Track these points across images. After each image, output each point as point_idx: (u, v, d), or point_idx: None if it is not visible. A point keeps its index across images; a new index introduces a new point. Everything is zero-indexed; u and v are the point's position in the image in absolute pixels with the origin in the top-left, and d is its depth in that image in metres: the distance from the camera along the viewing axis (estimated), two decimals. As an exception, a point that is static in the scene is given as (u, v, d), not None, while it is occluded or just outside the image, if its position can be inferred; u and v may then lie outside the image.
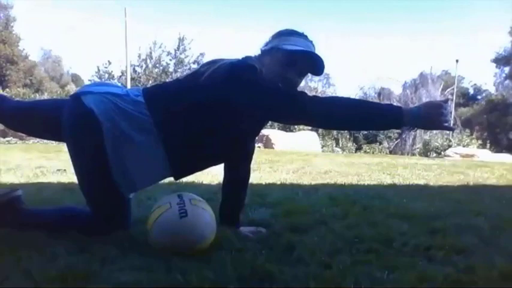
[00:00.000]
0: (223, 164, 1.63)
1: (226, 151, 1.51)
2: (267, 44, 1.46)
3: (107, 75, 17.55)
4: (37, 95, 14.60)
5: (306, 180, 3.50)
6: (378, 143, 16.07)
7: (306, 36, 1.45)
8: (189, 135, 1.37)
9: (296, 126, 14.57)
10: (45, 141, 10.38)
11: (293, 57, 1.39)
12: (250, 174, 1.68)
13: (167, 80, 12.03)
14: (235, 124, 1.41)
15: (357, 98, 13.94)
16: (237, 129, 1.43)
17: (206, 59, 11.90)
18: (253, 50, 1.50)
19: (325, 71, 1.46)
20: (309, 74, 1.54)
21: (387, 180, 3.81)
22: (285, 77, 1.39)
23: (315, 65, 1.44)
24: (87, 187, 1.44)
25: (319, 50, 1.46)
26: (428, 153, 13.07)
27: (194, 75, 1.44)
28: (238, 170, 1.63)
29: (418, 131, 18.23)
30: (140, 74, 17.21)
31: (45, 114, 1.49)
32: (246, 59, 1.44)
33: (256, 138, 1.70)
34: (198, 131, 1.38)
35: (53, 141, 8.88)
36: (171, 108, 1.37)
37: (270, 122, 15.06)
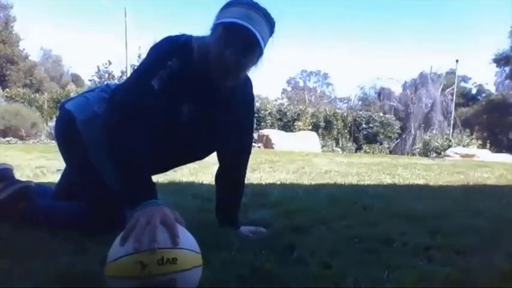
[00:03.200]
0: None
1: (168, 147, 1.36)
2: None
3: (107, 75, 17.55)
4: (37, 95, 14.58)
5: (306, 180, 3.50)
6: (378, 143, 16.06)
7: (251, 4, 1.18)
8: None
9: (296, 126, 14.56)
10: (45, 141, 10.40)
11: (222, 31, 1.17)
12: (246, 174, 1.64)
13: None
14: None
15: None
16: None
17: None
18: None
19: (324, 70, 1.41)
20: (309, 74, 1.51)
21: (387, 180, 3.81)
22: (220, 55, 1.18)
23: (239, 38, 1.16)
24: (80, 185, 1.48)
25: (280, 26, 1.23)
26: (428, 153, 13.06)
27: None
28: (229, 171, 1.59)
29: (418, 131, 18.25)
30: (140, 74, 17.20)
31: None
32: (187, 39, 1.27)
33: (256, 138, 1.68)
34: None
35: (53, 141, 8.88)
36: None
37: (269, 122, 14.98)
